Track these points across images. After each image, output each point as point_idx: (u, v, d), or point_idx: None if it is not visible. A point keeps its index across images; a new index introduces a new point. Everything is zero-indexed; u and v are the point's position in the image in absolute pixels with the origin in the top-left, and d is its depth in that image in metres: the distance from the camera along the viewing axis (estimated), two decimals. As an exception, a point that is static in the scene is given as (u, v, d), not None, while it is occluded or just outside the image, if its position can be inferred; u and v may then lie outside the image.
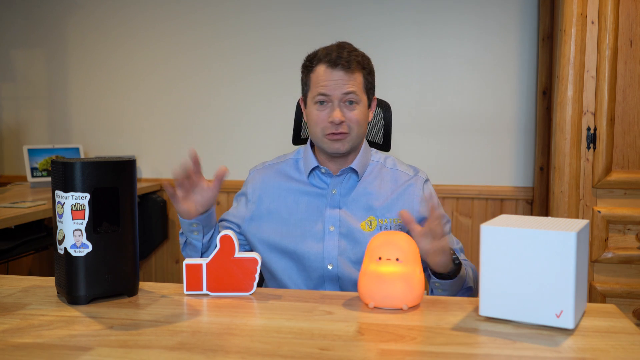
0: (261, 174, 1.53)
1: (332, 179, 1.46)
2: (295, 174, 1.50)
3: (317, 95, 1.39)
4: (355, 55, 1.40)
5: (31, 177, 2.94)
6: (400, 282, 1.01)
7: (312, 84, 1.42)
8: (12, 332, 0.93)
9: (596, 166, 2.19)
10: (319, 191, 1.46)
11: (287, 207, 1.46)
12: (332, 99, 1.38)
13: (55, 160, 1.07)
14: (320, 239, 1.42)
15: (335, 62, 1.37)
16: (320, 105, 1.40)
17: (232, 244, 1.12)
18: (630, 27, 2.14)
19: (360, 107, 1.41)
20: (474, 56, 2.83)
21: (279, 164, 1.54)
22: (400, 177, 1.49)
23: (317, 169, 1.47)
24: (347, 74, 1.37)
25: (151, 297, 1.12)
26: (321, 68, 1.39)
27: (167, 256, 3.21)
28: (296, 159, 1.53)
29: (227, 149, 3.12)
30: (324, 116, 1.39)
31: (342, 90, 1.37)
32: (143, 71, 3.19)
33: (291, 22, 2.98)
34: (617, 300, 2.19)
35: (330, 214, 1.43)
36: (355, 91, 1.38)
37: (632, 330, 0.92)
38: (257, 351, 0.84)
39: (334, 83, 1.37)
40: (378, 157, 1.53)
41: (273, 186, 1.50)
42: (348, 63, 1.37)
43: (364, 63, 1.42)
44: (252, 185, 1.52)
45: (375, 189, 1.46)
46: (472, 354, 0.83)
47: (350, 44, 1.43)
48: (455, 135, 2.87)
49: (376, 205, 1.44)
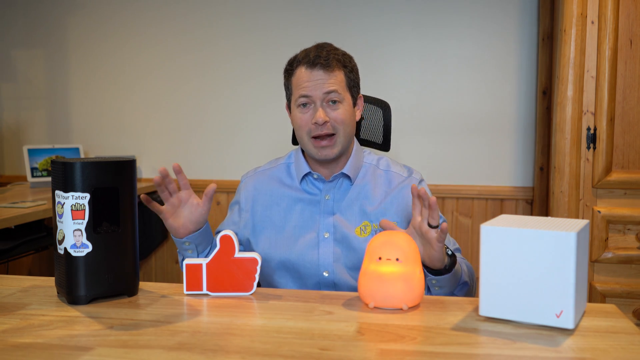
0: (253, 181, 1.51)
1: (325, 185, 1.44)
2: (287, 179, 1.48)
3: (298, 97, 1.37)
4: (334, 54, 1.37)
5: (31, 177, 2.94)
6: (400, 282, 1.01)
7: (293, 87, 1.40)
8: (12, 332, 0.93)
9: (596, 166, 2.19)
10: (312, 197, 1.44)
11: (280, 215, 1.44)
12: (314, 99, 1.35)
13: (55, 160, 1.07)
14: (315, 246, 1.40)
15: (313, 62, 1.35)
16: (303, 107, 1.37)
17: (232, 244, 1.12)
18: (630, 27, 2.14)
19: (345, 106, 1.38)
20: (474, 56, 2.83)
21: (270, 170, 1.52)
22: (394, 179, 1.46)
23: (309, 175, 1.45)
24: (327, 73, 1.35)
25: (151, 297, 1.12)
26: (301, 70, 1.37)
27: (167, 256, 3.21)
28: (288, 164, 1.51)
29: (227, 149, 3.12)
30: (308, 118, 1.37)
31: (323, 89, 1.34)
32: (143, 71, 3.19)
33: (292, 24, 2.98)
34: (617, 300, 2.19)
35: (324, 221, 1.41)
36: (337, 89, 1.36)
37: (632, 330, 0.92)
38: (257, 351, 0.84)
39: (313, 83, 1.35)
40: (371, 158, 1.50)
41: (265, 193, 1.47)
42: (327, 62, 1.34)
43: (345, 61, 1.39)
44: (244, 194, 1.49)
45: (369, 193, 1.43)
46: (472, 354, 0.83)
47: (330, 44, 1.41)
48: (456, 135, 2.87)
49: (370, 210, 1.41)
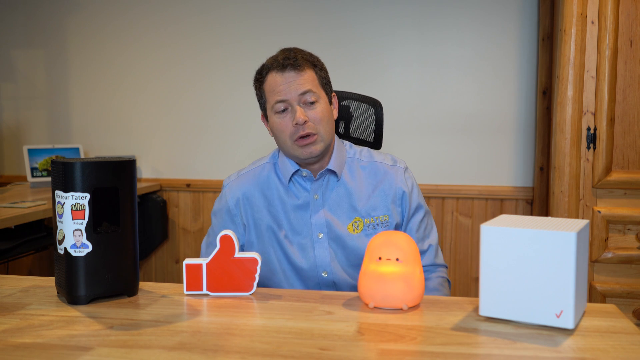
0: (239, 185, 1.46)
1: (312, 184, 1.42)
2: (275, 180, 1.44)
3: (275, 103, 1.36)
4: (302, 54, 1.37)
5: (31, 177, 2.94)
6: (400, 282, 1.01)
7: (267, 94, 1.38)
8: (12, 332, 0.93)
9: (596, 166, 2.19)
10: (301, 198, 1.42)
11: (272, 219, 1.42)
12: (291, 102, 1.35)
13: (55, 160, 1.07)
14: (310, 248, 1.39)
15: (283, 64, 1.34)
16: (282, 113, 1.36)
17: (232, 244, 1.12)
18: (630, 27, 2.14)
19: (322, 104, 1.37)
20: (474, 56, 2.83)
21: (254, 170, 1.48)
22: (379, 169, 1.45)
23: (297, 174, 1.42)
24: (298, 73, 1.34)
25: (151, 297, 1.12)
26: (272, 76, 1.36)
27: (167, 256, 3.21)
28: (274, 163, 1.47)
29: (227, 149, 3.12)
30: (288, 121, 1.35)
31: (298, 90, 1.34)
32: (143, 71, 3.19)
33: (293, 28, 2.98)
34: (617, 300, 2.19)
35: (316, 221, 1.40)
36: (311, 89, 1.35)
37: (632, 330, 0.92)
38: (257, 351, 0.84)
39: (287, 85, 1.34)
40: (353, 151, 1.48)
41: (254, 196, 1.44)
42: (296, 62, 1.34)
43: (313, 60, 1.39)
44: (232, 200, 1.45)
45: (356, 188, 1.42)
46: (472, 354, 0.83)
47: (296, 47, 1.41)
48: (456, 135, 2.87)
49: (359, 205, 1.41)
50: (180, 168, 3.18)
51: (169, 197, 3.17)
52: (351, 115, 1.74)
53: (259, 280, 1.13)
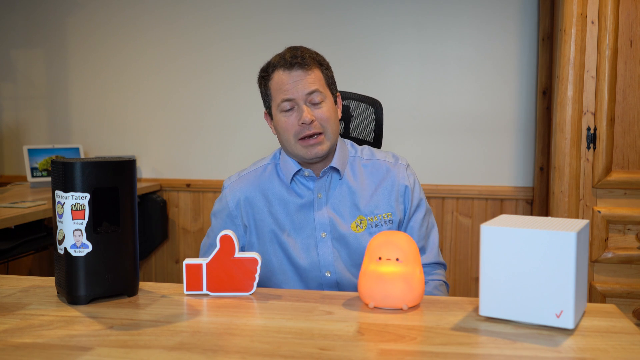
0: (240, 186, 1.45)
1: (316, 183, 1.41)
2: (276, 180, 1.43)
3: (281, 102, 1.35)
4: (309, 53, 1.37)
5: (31, 177, 2.94)
6: (400, 282, 1.01)
7: (273, 92, 1.38)
8: (12, 332, 0.93)
9: (596, 166, 2.19)
10: (305, 197, 1.41)
11: (274, 219, 1.41)
12: (297, 101, 1.34)
13: (55, 160, 1.07)
14: (314, 248, 1.39)
15: (291, 63, 1.34)
16: (287, 111, 1.35)
17: (232, 244, 1.11)
18: (630, 27, 2.14)
19: (328, 104, 1.37)
20: (474, 56, 2.83)
21: (255, 171, 1.47)
22: (381, 167, 1.44)
23: (299, 174, 1.42)
24: (305, 72, 1.34)
25: (151, 297, 1.12)
26: (278, 74, 1.36)
27: (167, 256, 3.21)
28: (275, 164, 1.46)
29: (227, 149, 3.12)
30: (293, 120, 1.35)
31: (305, 90, 1.33)
32: (143, 71, 3.19)
33: (292, 26, 2.98)
34: (617, 300, 2.19)
35: (319, 221, 1.39)
36: (318, 88, 1.35)
37: (632, 330, 0.92)
38: (257, 351, 0.84)
39: (294, 84, 1.33)
40: (354, 150, 1.48)
41: (256, 197, 1.43)
42: (304, 61, 1.34)
43: (320, 59, 1.39)
44: (233, 201, 1.44)
45: (358, 186, 1.42)
46: (472, 354, 0.83)
47: (302, 46, 1.40)
48: (456, 135, 2.87)
49: (362, 204, 1.40)
50: (180, 168, 3.18)
51: (169, 197, 3.17)
52: (351, 115, 1.74)
53: (259, 280, 1.13)
